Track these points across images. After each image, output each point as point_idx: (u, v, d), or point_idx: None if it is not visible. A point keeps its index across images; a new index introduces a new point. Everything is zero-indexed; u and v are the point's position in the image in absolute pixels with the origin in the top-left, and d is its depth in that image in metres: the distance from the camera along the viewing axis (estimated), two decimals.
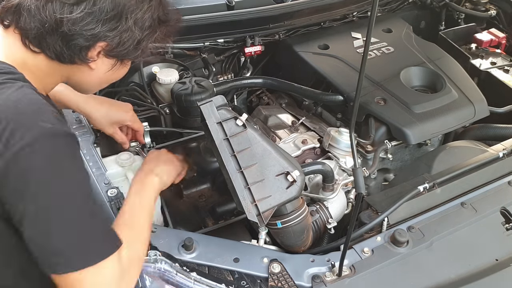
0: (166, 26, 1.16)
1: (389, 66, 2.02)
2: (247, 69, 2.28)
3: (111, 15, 1.02)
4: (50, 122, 0.94)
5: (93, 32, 1.02)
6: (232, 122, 1.21)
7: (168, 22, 1.16)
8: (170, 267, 1.20)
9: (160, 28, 1.14)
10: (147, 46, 1.15)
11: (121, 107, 1.60)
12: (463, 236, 1.38)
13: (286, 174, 1.21)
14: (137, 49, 1.11)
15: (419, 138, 1.76)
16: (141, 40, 1.10)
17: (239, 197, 1.17)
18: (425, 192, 1.44)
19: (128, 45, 1.08)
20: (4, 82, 0.97)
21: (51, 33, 1.01)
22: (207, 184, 1.70)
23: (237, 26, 2.09)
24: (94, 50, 1.06)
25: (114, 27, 1.04)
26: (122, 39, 1.06)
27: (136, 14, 1.06)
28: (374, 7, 0.91)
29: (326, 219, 1.48)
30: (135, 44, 1.09)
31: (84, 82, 1.17)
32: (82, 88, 1.21)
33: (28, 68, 1.06)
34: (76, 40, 1.02)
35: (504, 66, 2.24)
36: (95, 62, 1.09)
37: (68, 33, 1.00)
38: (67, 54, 1.04)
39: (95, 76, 1.14)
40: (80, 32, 1.01)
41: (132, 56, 1.13)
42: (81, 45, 1.03)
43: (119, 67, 1.15)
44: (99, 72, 1.13)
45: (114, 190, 1.35)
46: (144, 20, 1.08)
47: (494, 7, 2.58)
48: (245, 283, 1.20)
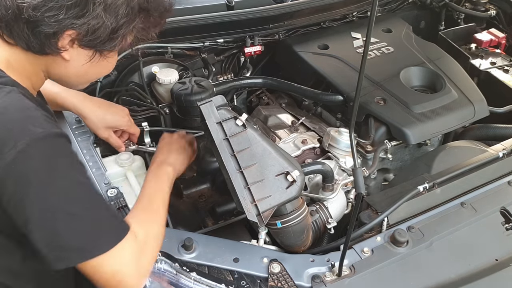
0: (148, 15, 1.09)
1: (389, 66, 2.02)
2: (247, 69, 2.28)
3: (74, 0, 0.97)
4: (40, 126, 0.94)
5: (57, 19, 0.97)
6: (232, 122, 1.21)
7: (150, 10, 1.09)
8: (170, 267, 1.20)
9: (140, 16, 1.07)
10: (126, 36, 1.08)
11: (117, 112, 1.58)
12: (463, 236, 1.38)
13: (286, 174, 1.21)
14: (113, 39, 1.05)
15: (419, 138, 1.76)
16: (116, 28, 1.03)
17: (239, 197, 1.17)
18: (425, 192, 1.44)
19: (100, 34, 1.02)
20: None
21: (16, 20, 0.98)
22: (207, 184, 1.70)
23: (237, 26, 2.09)
24: (63, 39, 1.01)
25: (81, 14, 0.98)
26: (91, 27, 1.00)
27: (105, 0, 0.99)
28: (374, 7, 0.91)
29: (326, 219, 1.48)
30: (109, 33, 1.03)
31: (63, 75, 1.13)
32: (64, 82, 1.18)
33: (13, 67, 1.04)
34: (40, 27, 0.97)
35: (504, 66, 2.24)
36: (68, 53, 1.05)
37: (30, 20, 0.96)
38: (35, 42, 1.00)
39: (72, 69, 1.10)
40: (42, 19, 0.96)
41: (109, 46, 1.07)
42: (46, 32, 0.98)
43: (98, 59, 1.10)
44: (75, 64, 1.08)
45: (114, 190, 1.35)
46: (117, 7, 1.01)
47: (494, 7, 2.58)
48: (245, 283, 1.20)
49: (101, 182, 1.38)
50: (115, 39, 1.06)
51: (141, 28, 1.11)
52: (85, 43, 1.04)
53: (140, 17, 1.08)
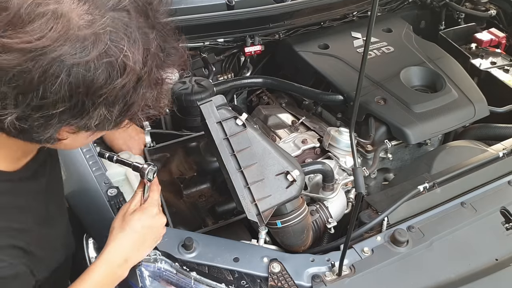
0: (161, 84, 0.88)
1: (389, 66, 2.02)
2: (247, 68, 2.28)
3: (67, 106, 0.76)
4: None
5: (47, 127, 0.79)
6: (232, 121, 1.21)
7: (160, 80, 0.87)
8: (170, 266, 1.20)
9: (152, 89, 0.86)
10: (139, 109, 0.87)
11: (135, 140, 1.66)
12: (463, 236, 1.38)
13: (286, 174, 1.21)
14: (120, 122, 0.87)
15: (419, 137, 1.76)
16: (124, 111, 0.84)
17: (239, 196, 1.17)
18: (425, 191, 1.44)
19: (105, 121, 0.82)
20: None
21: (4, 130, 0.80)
22: (207, 184, 1.70)
23: (237, 26, 2.09)
24: (60, 134, 0.84)
25: (78, 115, 0.79)
26: (92, 120, 0.81)
27: (105, 95, 0.77)
28: (374, 7, 0.91)
29: (326, 218, 1.48)
30: (116, 118, 0.83)
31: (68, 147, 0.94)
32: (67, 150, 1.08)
33: None
34: (29, 133, 0.80)
35: (504, 66, 2.24)
36: (69, 138, 0.87)
37: (19, 129, 0.78)
38: (31, 140, 0.84)
39: (75, 144, 0.93)
40: (32, 129, 0.79)
41: (117, 127, 0.88)
42: (38, 138, 0.82)
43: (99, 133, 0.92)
44: (77, 141, 0.91)
45: (114, 189, 1.35)
46: (124, 95, 0.80)
47: (494, 6, 2.58)
48: (245, 282, 1.20)
49: (101, 182, 1.38)
50: (123, 121, 0.88)
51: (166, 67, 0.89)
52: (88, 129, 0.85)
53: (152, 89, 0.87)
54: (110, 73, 0.76)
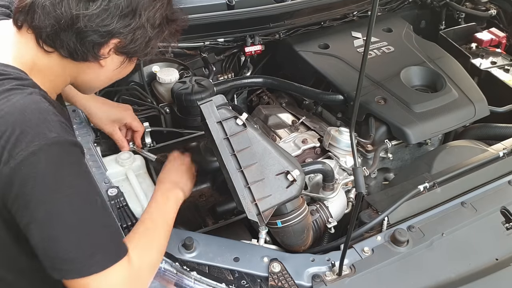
0: (173, 25, 1.16)
1: (389, 66, 2.02)
2: (247, 68, 2.28)
3: (126, 11, 1.02)
4: (56, 131, 0.94)
5: (108, 29, 1.02)
6: (232, 121, 1.21)
7: (175, 21, 1.16)
8: (170, 266, 1.20)
9: (168, 27, 1.14)
10: (156, 44, 1.15)
11: (122, 107, 1.63)
12: (463, 236, 1.38)
13: (286, 174, 1.21)
14: (147, 47, 1.11)
15: (419, 137, 1.76)
16: (151, 38, 1.10)
17: (239, 196, 1.17)
18: (425, 191, 1.44)
19: (139, 43, 1.08)
20: (12, 88, 0.97)
21: (66, 30, 1.00)
22: (207, 184, 1.69)
23: (237, 26, 2.09)
24: (107, 46, 1.06)
25: (128, 24, 1.04)
26: (135, 36, 1.06)
27: (149, 12, 1.05)
28: (374, 7, 0.91)
29: (326, 218, 1.48)
30: (146, 42, 1.09)
31: (92, 80, 1.17)
32: (88, 86, 1.21)
33: (38, 70, 1.06)
34: (91, 36, 1.02)
35: (504, 65, 2.24)
36: (105, 60, 1.09)
37: (83, 29, 1.00)
38: (81, 51, 1.04)
39: (103, 74, 1.15)
40: (96, 29, 1.01)
41: (142, 53, 1.13)
42: (95, 41, 1.03)
43: (126, 64, 1.16)
44: (108, 69, 1.13)
45: (114, 189, 1.35)
46: (155, 18, 1.08)
47: (494, 6, 2.58)
48: (245, 282, 1.20)
49: (102, 182, 1.38)
50: (148, 47, 1.12)
51: (167, 37, 1.17)
52: (123, 51, 1.09)
53: (168, 27, 1.14)
54: None
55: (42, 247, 0.94)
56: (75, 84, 1.18)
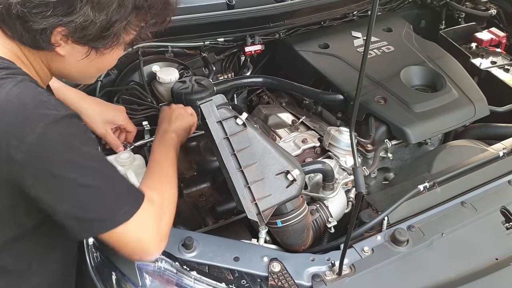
0: (145, 13, 1.09)
1: (389, 65, 2.02)
2: (247, 68, 2.27)
3: None
4: (55, 109, 0.99)
5: (44, 15, 0.98)
6: (232, 121, 1.21)
7: (146, 8, 1.08)
8: (170, 266, 1.20)
9: (135, 13, 1.07)
10: (120, 33, 1.08)
11: (115, 108, 1.62)
12: (463, 235, 1.38)
13: (286, 173, 1.21)
14: (105, 37, 1.05)
15: (419, 137, 1.76)
16: (107, 26, 1.03)
17: (239, 196, 1.17)
18: (425, 191, 1.44)
19: (90, 31, 1.02)
20: (4, 77, 1.00)
21: (8, 15, 1.00)
22: (207, 183, 1.70)
23: (237, 25, 2.09)
24: (55, 35, 1.03)
25: (68, 12, 0.99)
26: (79, 24, 1.00)
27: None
28: (374, 6, 0.91)
29: (326, 218, 1.48)
30: (100, 31, 1.03)
31: (63, 70, 1.15)
32: (68, 77, 1.20)
33: (21, 61, 1.08)
34: (30, 22, 1.00)
35: (504, 65, 2.24)
36: (62, 48, 1.06)
37: (19, 15, 0.99)
38: (28, 37, 1.03)
39: (69, 64, 1.12)
40: (30, 15, 0.98)
41: (103, 43, 1.07)
42: (36, 28, 1.00)
43: (95, 56, 1.10)
44: (71, 59, 1.10)
45: None
46: (106, 4, 1.01)
47: (494, 6, 2.58)
48: (245, 282, 1.20)
49: None
50: (108, 37, 1.06)
51: (138, 26, 1.12)
52: (77, 40, 1.05)
53: (135, 14, 1.07)
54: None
55: (70, 215, 1.01)
56: (54, 75, 1.20)
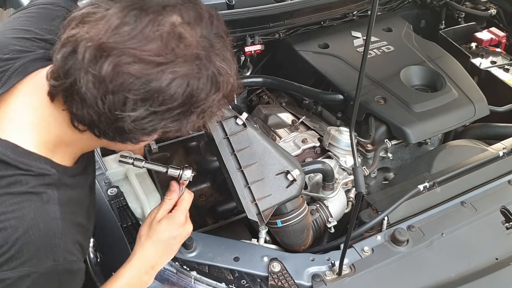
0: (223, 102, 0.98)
1: (389, 65, 2.02)
2: (247, 68, 2.27)
3: (177, 112, 0.87)
4: (55, 258, 0.88)
5: (154, 128, 0.88)
6: (232, 121, 1.21)
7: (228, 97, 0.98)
8: (170, 266, 1.20)
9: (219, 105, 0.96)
10: None
11: None
12: (463, 235, 1.38)
13: (286, 173, 1.21)
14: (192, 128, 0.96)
15: (419, 137, 1.76)
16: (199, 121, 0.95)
17: (239, 196, 1.17)
18: (425, 191, 1.44)
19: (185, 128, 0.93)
20: (28, 192, 0.88)
21: (106, 124, 0.86)
22: (207, 183, 1.70)
23: (237, 25, 2.09)
24: (150, 138, 0.95)
25: (178, 119, 0.89)
26: (181, 126, 0.92)
27: (202, 103, 0.89)
28: (374, 6, 0.91)
29: (326, 218, 1.48)
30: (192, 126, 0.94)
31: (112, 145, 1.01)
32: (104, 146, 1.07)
33: (65, 144, 0.96)
34: (133, 134, 0.89)
35: (504, 65, 2.24)
36: None
37: (125, 130, 0.86)
38: (118, 139, 0.91)
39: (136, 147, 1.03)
40: (140, 129, 0.87)
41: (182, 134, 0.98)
42: (137, 138, 0.91)
43: None
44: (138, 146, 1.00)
45: (114, 189, 1.35)
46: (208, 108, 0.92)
47: (494, 6, 2.58)
48: (245, 282, 1.20)
49: (101, 181, 1.38)
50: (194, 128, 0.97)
51: None
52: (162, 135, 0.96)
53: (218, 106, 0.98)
54: (211, 88, 0.89)
55: None
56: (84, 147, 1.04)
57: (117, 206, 1.31)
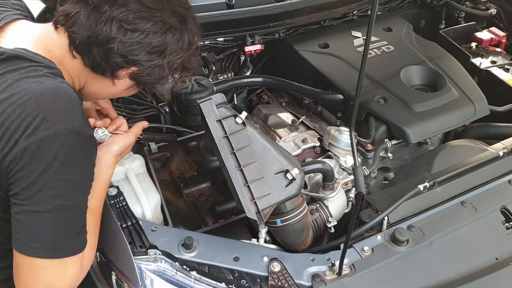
0: (186, 72, 1.26)
1: (389, 65, 2.02)
2: (247, 68, 2.28)
3: (154, 50, 1.12)
4: (78, 121, 1.03)
5: (134, 58, 1.11)
6: (231, 120, 1.21)
7: (189, 70, 1.25)
8: (170, 266, 1.20)
9: (181, 73, 1.24)
10: (165, 82, 1.25)
11: None
12: (463, 235, 1.38)
13: (286, 172, 1.21)
14: (157, 82, 1.21)
15: (419, 137, 1.76)
16: (164, 77, 1.20)
17: (239, 195, 1.17)
18: (425, 191, 1.44)
19: (153, 77, 1.17)
20: (45, 75, 1.05)
21: (99, 45, 1.08)
22: (207, 183, 1.69)
23: (237, 25, 2.09)
24: (126, 70, 1.15)
25: (152, 60, 1.13)
26: (153, 71, 1.15)
27: (172, 57, 1.16)
28: (374, 6, 0.91)
29: (326, 218, 1.48)
30: (158, 78, 1.19)
31: (100, 92, 1.25)
32: (94, 96, 1.28)
33: (64, 67, 1.13)
34: (117, 58, 1.10)
35: (504, 65, 2.24)
36: (119, 80, 1.17)
37: (114, 51, 1.09)
38: (103, 66, 1.12)
39: (112, 91, 1.23)
40: (124, 54, 1.10)
41: (149, 85, 1.23)
42: (118, 63, 1.11)
43: (133, 89, 1.24)
44: (117, 88, 1.21)
45: (114, 189, 1.35)
46: (175, 63, 1.18)
47: (494, 5, 2.58)
48: (245, 282, 1.20)
49: None
50: (158, 83, 1.22)
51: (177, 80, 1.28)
52: (136, 78, 1.18)
53: (181, 73, 1.25)
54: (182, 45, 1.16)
55: (23, 219, 1.01)
56: (83, 90, 1.23)
57: (116, 206, 1.31)
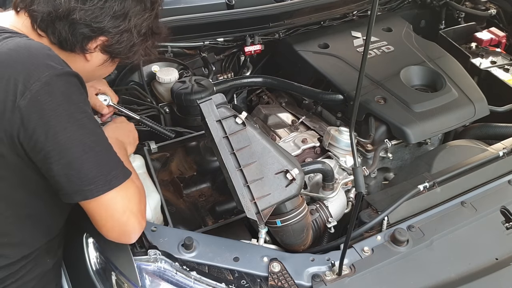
0: (156, 37, 1.29)
1: (389, 65, 2.02)
2: (247, 68, 2.28)
3: (118, 14, 1.13)
4: (60, 64, 1.05)
5: (99, 25, 1.12)
6: (231, 120, 1.20)
7: (158, 34, 1.28)
8: (170, 266, 1.20)
9: (151, 38, 1.27)
10: (139, 51, 1.26)
11: None
12: (463, 235, 1.38)
13: (286, 172, 1.21)
14: (130, 51, 1.23)
15: (419, 137, 1.76)
16: (135, 43, 1.21)
17: (238, 195, 1.17)
18: (425, 191, 1.44)
19: (124, 45, 1.19)
20: (11, 36, 1.08)
21: (61, 19, 1.10)
22: (207, 183, 1.69)
23: (237, 25, 2.09)
24: (95, 42, 1.16)
25: (118, 25, 1.15)
26: (122, 38, 1.17)
27: (137, 19, 1.17)
28: (374, 6, 0.91)
29: (326, 218, 1.48)
30: (130, 46, 1.21)
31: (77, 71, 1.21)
32: None
33: None
34: (83, 29, 1.12)
35: (504, 65, 2.24)
36: (91, 54, 1.19)
37: (77, 21, 1.10)
38: (71, 41, 1.13)
39: (87, 68, 1.23)
40: (89, 23, 1.11)
41: (124, 56, 1.24)
42: (85, 34, 1.13)
43: (109, 64, 1.25)
44: (92, 64, 1.22)
45: None
46: (142, 27, 1.20)
47: (494, 6, 2.58)
48: (245, 282, 1.20)
49: None
50: (130, 52, 1.23)
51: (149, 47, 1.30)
52: (108, 50, 1.19)
53: (152, 38, 1.27)
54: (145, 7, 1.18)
55: (64, 174, 1.02)
56: None
57: None
